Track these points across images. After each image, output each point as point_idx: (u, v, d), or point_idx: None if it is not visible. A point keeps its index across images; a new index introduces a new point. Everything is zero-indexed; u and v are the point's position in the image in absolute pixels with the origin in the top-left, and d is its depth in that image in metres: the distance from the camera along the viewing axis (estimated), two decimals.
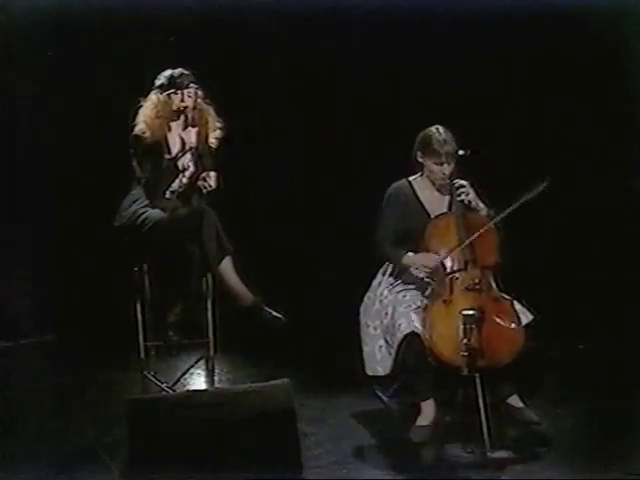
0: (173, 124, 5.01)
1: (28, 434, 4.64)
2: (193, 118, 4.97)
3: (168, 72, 5.00)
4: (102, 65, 6.04)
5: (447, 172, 4.70)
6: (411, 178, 4.85)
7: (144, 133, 4.92)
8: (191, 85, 4.96)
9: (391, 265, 4.84)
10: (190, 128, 4.97)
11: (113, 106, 5.21)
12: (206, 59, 5.25)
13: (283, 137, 6.30)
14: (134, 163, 4.98)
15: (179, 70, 4.99)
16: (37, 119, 6.07)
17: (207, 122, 5.01)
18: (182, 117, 5.00)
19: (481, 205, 4.75)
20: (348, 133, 6.28)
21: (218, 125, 5.05)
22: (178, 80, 4.96)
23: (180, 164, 4.95)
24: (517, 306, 4.64)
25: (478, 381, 4.38)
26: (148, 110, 4.96)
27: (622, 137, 6.04)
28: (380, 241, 4.75)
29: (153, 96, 4.99)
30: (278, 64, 6.25)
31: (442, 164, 4.69)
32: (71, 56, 6.04)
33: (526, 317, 4.64)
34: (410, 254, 4.67)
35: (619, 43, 5.89)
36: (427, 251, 4.67)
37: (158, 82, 5.00)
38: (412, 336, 4.55)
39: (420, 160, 4.76)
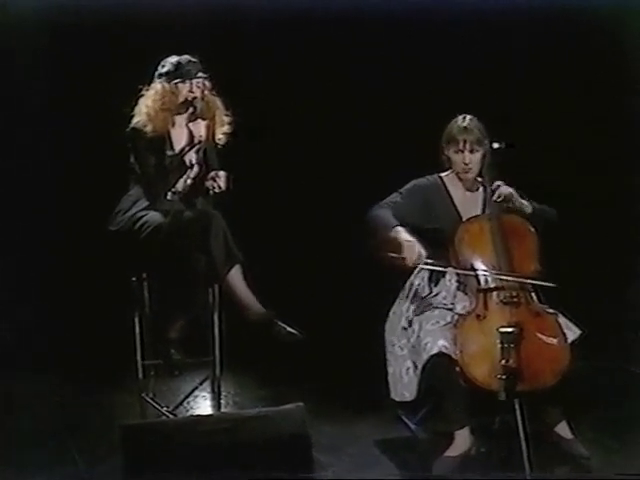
0: (177, 117, 4.90)
1: (14, 463, 4.57)
2: (202, 110, 4.86)
3: (174, 58, 4.87)
4: (103, 62, 6.05)
5: (468, 162, 4.63)
6: (442, 174, 4.78)
7: (145, 126, 4.81)
8: (200, 74, 4.86)
9: (419, 275, 4.72)
10: (199, 120, 4.87)
11: (113, 102, 5.11)
12: (208, 50, 5.16)
13: (294, 135, 6.28)
14: (132, 159, 4.89)
15: (186, 57, 4.87)
16: (36, 120, 6.12)
17: (215, 116, 4.90)
18: (190, 109, 4.89)
19: (525, 202, 4.66)
20: (367, 132, 6.29)
21: (226, 119, 4.94)
22: (186, 68, 4.85)
23: (187, 160, 4.86)
24: (562, 320, 4.51)
25: (518, 407, 4.26)
26: (151, 101, 4.84)
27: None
28: (381, 205, 4.63)
29: (158, 85, 4.86)
30: (284, 59, 6.27)
31: (461, 152, 4.62)
32: (71, 54, 6.07)
33: (573, 333, 4.50)
34: (400, 229, 4.51)
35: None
36: (457, 258, 4.57)
37: (163, 69, 4.88)
38: (439, 357, 4.43)
39: (446, 153, 4.70)
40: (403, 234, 4.49)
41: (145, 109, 4.83)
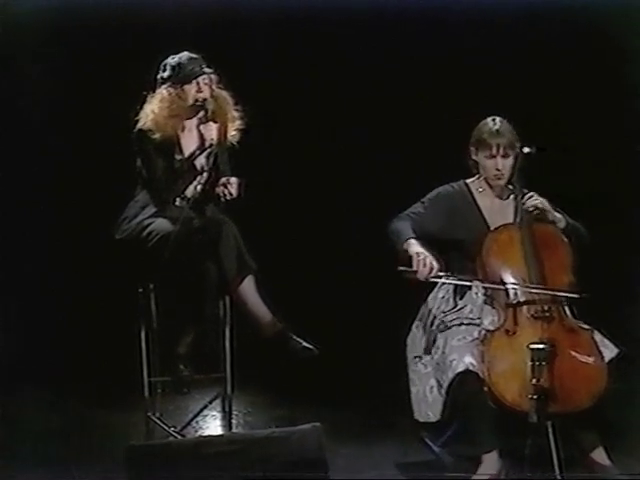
0: (187, 121, 4.83)
1: None
2: (213, 111, 4.80)
3: (174, 59, 4.81)
4: (107, 63, 6.06)
5: (501, 168, 4.58)
6: (469, 181, 4.72)
7: (152, 132, 4.74)
8: (205, 70, 4.79)
9: (443, 287, 4.64)
10: (211, 123, 4.81)
11: (116, 106, 5.12)
12: (213, 44, 5.14)
13: (311, 139, 6.25)
14: (139, 163, 4.84)
15: (186, 54, 4.81)
16: (36, 121, 6.12)
17: (226, 113, 4.84)
18: (200, 112, 4.82)
19: (558, 216, 4.60)
20: (387, 135, 6.28)
21: (237, 114, 4.88)
22: (189, 67, 4.78)
23: (197, 165, 4.80)
24: (598, 337, 4.45)
25: (551, 430, 4.19)
26: (157, 108, 4.77)
27: None
28: (401, 216, 4.58)
29: (164, 91, 4.80)
30: (297, 57, 6.26)
31: (493, 157, 4.57)
32: (72, 56, 6.10)
33: (610, 351, 4.42)
34: (413, 241, 4.46)
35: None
36: (484, 270, 4.50)
37: (165, 73, 4.81)
38: (466, 375, 4.36)
39: (474, 157, 4.65)
40: (414, 247, 4.46)
41: (152, 115, 4.78)
